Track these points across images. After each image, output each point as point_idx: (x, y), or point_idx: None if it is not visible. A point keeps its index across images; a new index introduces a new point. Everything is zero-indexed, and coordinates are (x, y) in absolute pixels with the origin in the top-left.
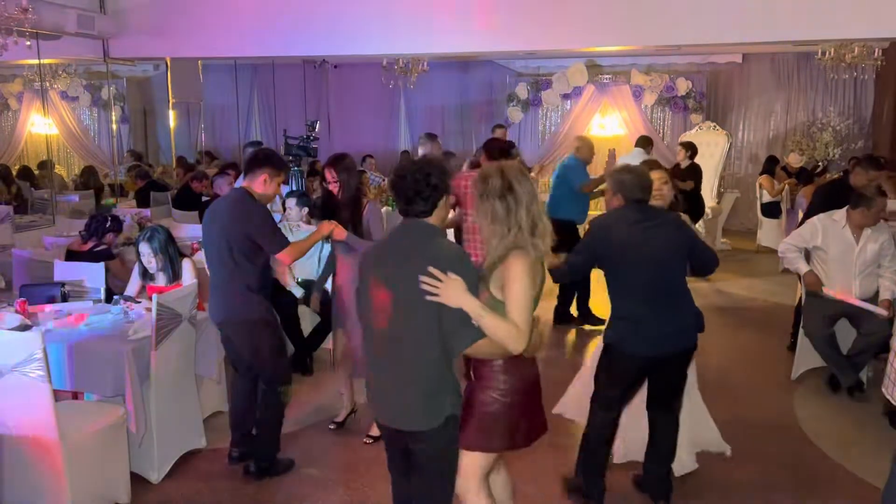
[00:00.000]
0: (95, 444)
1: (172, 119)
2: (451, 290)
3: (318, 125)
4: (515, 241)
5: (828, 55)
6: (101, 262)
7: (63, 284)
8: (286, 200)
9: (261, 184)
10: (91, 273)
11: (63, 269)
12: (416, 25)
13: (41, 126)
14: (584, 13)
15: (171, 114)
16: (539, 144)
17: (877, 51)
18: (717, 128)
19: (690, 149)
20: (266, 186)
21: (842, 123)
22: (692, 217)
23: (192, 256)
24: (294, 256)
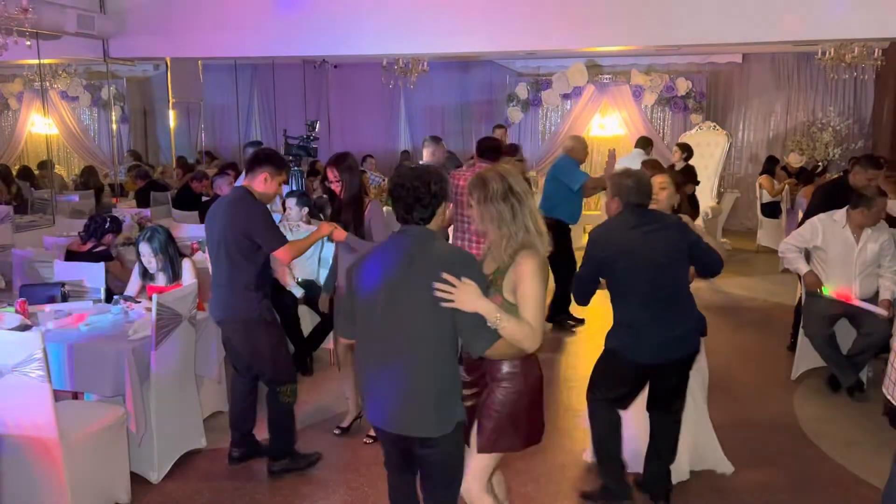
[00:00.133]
0: (95, 444)
1: (172, 119)
2: (467, 295)
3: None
4: (523, 242)
5: (828, 55)
6: (101, 263)
7: (63, 284)
8: (286, 200)
9: (261, 183)
10: (91, 273)
11: (63, 269)
12: (416, 25)
13: (41, 126)
14: (584, 13)
15: (171, 114)
16: (539, 144)
17: (877, 51)
18: (717, 128)
19: (686, 150)
20: (266, 185)
21: (842, 123)
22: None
23: (192, 256)
24: (292, 255)
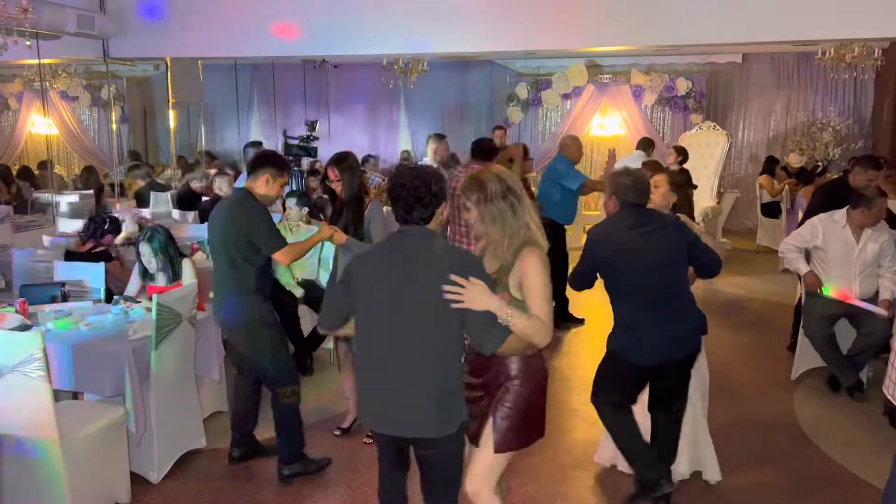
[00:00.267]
0: (95, 444)
1: (172, 119)
2: (477, 294)
3: (318, 125)
4: (525, 238)
5: (828, 55)
6: (101, 263)
7: (63, 284)
8: (286, 200)
9: (262, 184)
10: (91, 273)
11: (63, 269)
12: (416, 25)
13: (41, 126)
14: (584, 13)
15: (171, 114)
16: (539, 144)
17: (877, 51)
18: (717, 128)
19: (682, 154)
20: (268, 187)
21: (842, 123)
22: None
23: (192, 256)
24: (291, 258)
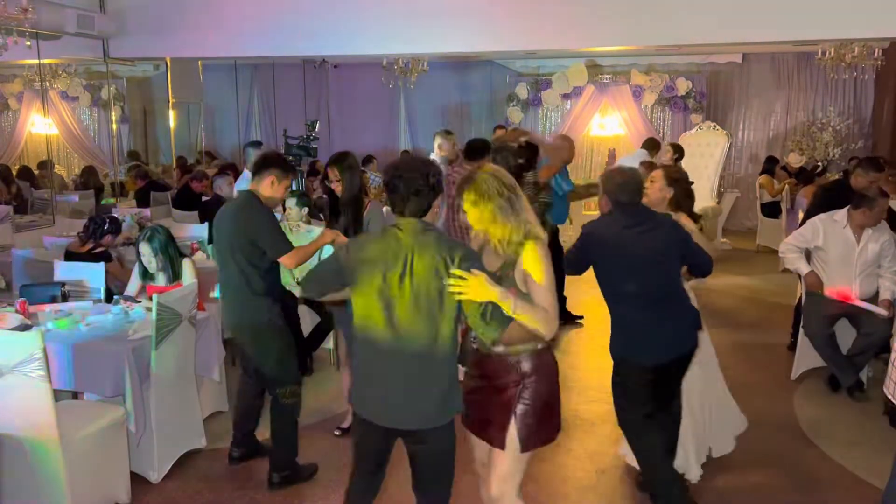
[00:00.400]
0: (95, 444)
1: (172, 119)
2: (478, 286)
3: (318, 125)
4: (526, 232)
5: (828, 55)
6: (101, 263)
7: (63, 284)
8: (286, 200)
9: (268, 186)
10: (91, 273)
11: (63, 269)
12: (416, 25)
13: (41, 126)
14: (584, 13)
15: (171, 114)
16: None
17: (877, 51)
18: (717, 128)
19: (678, 151)
20: (273, 189)
21: (842, 123)
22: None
23: (192, 256)
24: (297, 261)
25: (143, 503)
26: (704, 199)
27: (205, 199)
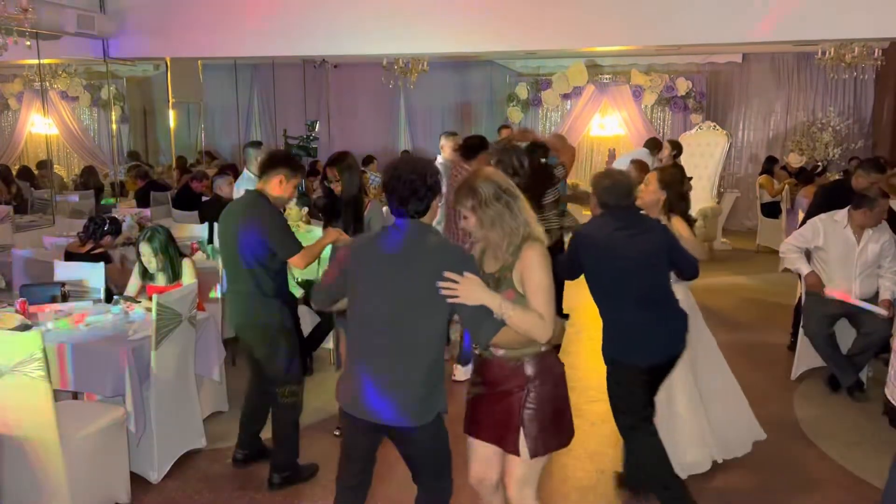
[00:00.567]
0: (95, 444)
1: (172, 119)
2: (471, 289)
3: (318, 125)
4: (525, 235)
5: (828, 55)
6: (101, 263)
7: (63, 284)
8: None
9: (276, 186)
10: (91, 273)
11: (63, 269)
12: (416, 25)
13: (41, 126)
14: (584, 13)
15: (171, 114)
16: None
17: (877, 51)
18: (717, 128)
19: (676, 148)
20: (282, 189)
21: (842, 123)
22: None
23: (192, 256)
24: (306, 262)
25: (143, 503)
26: (704, 199)
27: (205, 199)
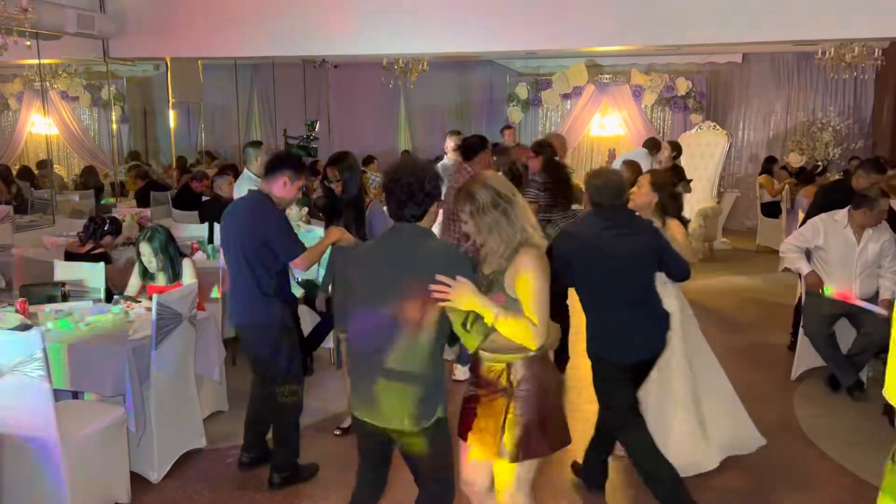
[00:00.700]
0: (95, 444)
1: (172, 119)
2: (462, 293)
3: (318, 125)
4: (521, 241)
5: (828, 55)
6: (101, 263)
7: (63, 284)
8: None
9: (280, 186)
10: (91, 273)
11: (63, 269)
12: (416, 25)
13: (41, 126)
14: (584, 13)
15: (171, 114)
16: None
17: (877, 51)
18: (717, 128)
19: (676, 149)
20: (285, 190)
21: (842, 123)
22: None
23: (192, 256)
24: (308, 263)
25: (143, 503)
26: (704, 199)
27: (205, 199)
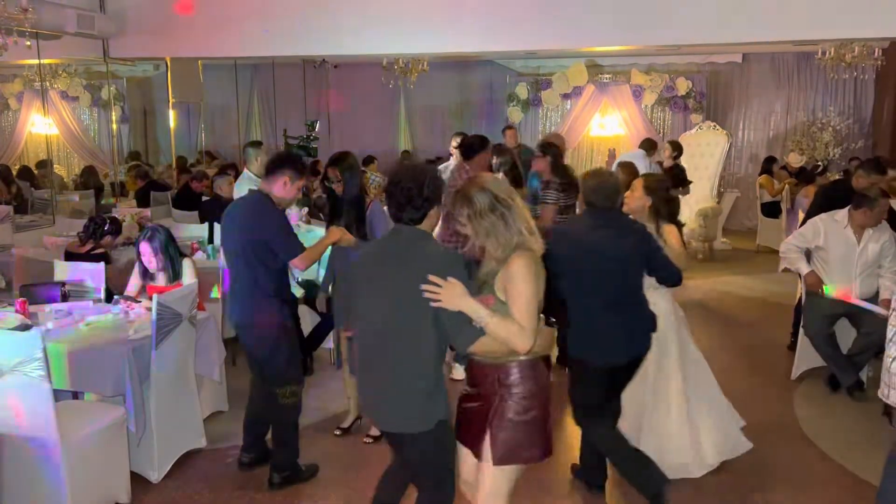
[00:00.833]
0: (95, 444)
1: (172, 119)
2: (452, 295)
3: (318, 125)
4: (516, 244)
5: (828, 55)
6: (101, 263)
7: (63, 284)
8: None
9: (281, 187)
10: (91, 273)
11: (63, 269)
12: (416, 25)
13: (41, 126)
14: (584, 13)
15: (171, 114)
16: None
17: (877, 51)
18: (717, 128)
19: (677, 149)
20: (286, 190)
21: (842, 123)
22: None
23: (192, 256)
24: (308, 263)
25: (143, 503)
26: (704, 199)
27: (205, 199)
